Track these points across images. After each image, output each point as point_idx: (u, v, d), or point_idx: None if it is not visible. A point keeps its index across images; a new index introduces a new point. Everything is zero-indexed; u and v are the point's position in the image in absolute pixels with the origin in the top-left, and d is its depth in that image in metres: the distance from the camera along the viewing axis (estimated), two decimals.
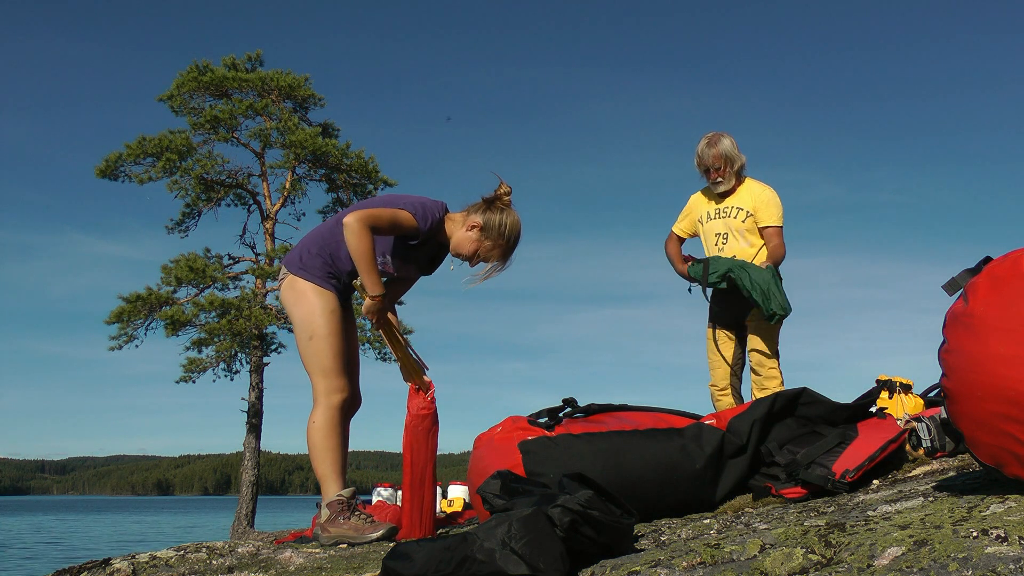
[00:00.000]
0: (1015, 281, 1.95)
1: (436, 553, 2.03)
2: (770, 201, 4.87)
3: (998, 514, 1.87)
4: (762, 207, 4.86)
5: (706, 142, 4.92)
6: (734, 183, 4.93)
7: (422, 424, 3.30)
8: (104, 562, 3.08)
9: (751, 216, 4.86)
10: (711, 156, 4.88)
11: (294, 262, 3.38)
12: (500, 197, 3.36)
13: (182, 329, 19.73)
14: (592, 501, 2.15)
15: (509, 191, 3.37)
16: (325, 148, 20.28)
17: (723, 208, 4.94)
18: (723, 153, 4.86)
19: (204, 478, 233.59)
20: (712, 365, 4.96)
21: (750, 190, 4.93)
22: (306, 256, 3.36)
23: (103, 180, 20.22)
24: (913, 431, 3.05)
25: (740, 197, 4.92)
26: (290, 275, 3.38)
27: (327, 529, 3.23)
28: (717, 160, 4.87)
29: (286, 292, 3.38)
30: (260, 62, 21.21)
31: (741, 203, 4.90)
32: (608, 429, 3.11)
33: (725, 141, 4.89)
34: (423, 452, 3.30)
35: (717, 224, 4.94)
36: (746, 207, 4.88)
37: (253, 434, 20.46)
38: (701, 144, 4.94)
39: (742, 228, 4.87)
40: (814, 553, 1.80)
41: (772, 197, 4.89)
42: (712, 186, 4.95)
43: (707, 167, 4.91)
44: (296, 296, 3.34)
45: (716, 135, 4.92)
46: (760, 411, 3.14)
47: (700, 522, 2.62)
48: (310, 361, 3.31)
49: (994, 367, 1.92)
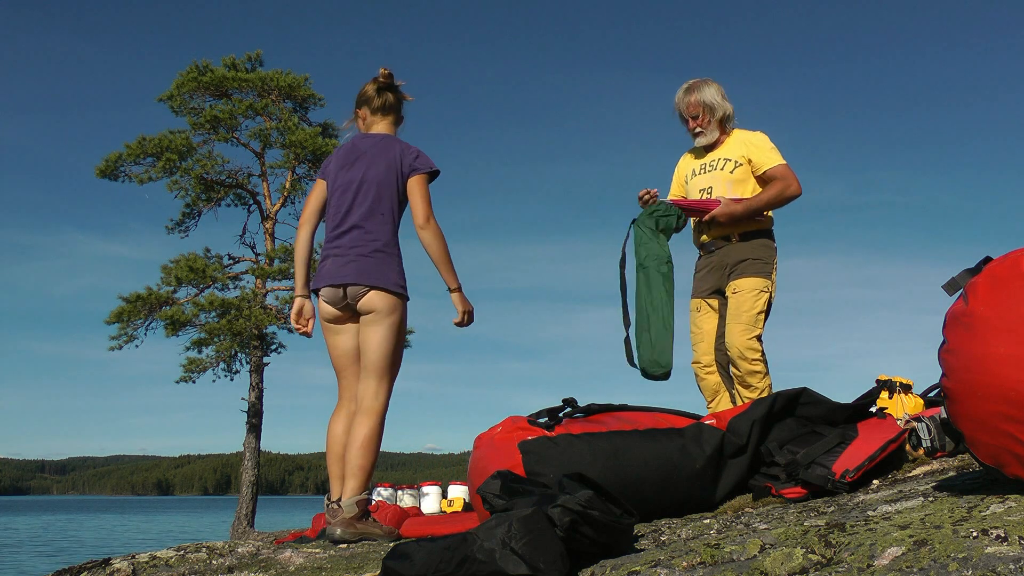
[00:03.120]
0: (1015, 281, 1.95)
1: (436, 553, 2.03)
2: (763, 143, 4.33)
3: (998, 514, 1.87)
4: (756, 151, 4.31)
5: (684, 88, 4.42)
6: (718, 135, 4.40)
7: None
8: (104, 562, 3.08)
9: (741, 166, 4.31)
10: (687, 104, 4.39)
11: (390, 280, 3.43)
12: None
13: (182, 329, 19.74)
14: (592, 501, 2.15)
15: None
16: (325, 148, 20.27)
17: (707, 162, 4.43)
18: (702, 100, 4.35)
19: (204, 478, 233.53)
20: (694, 339, 4.43)
21: (738, 139, 4.39)
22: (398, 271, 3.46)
23: (103, 180, 20.26)
24: (913, 431, 3.04)
25: (727, 148, 4.40)
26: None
27: (354, 524, 3.23)
28: (694, 108, 4.37)
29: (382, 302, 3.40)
30: (260, 62, 21.22)
31: (728, 154, 4.37)
32: (608, 429, 3.10)
33: (706, 88, 4.37)
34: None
35: (701, 180, 4.42)
36: (734, 157, 4.34)
37: (253, 434, 20.47)
38: (679, 91, 4.44)
39: (730, 180, 4.31)
40: (814, 553, 1.80)
41: (764, 139, 4.35)
42: (693, 139, 4.46)
43: (684, 117, 4.43)
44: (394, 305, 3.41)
45: (697, 81, 4.41)
46: (760, 411, 3.14)
47: (700, 522, 2.62)
48: (392, 367, 3.41)
49: (994, 367, 1.92)
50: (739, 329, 4.14)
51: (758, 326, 4.16)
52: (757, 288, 4.20)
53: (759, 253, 4.28)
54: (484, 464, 3.05)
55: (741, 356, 4.11)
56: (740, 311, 4.17)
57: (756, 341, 4.14)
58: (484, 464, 3.05)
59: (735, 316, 4.17)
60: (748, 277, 4.22)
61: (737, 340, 4.13)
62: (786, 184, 4.24)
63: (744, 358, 4.11)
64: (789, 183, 4.24)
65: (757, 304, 4.18)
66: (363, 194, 3.44)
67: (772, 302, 4.28)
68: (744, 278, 4.22)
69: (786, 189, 4.24)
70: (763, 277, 4.23)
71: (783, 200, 4.27)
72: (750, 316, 4.15)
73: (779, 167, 4.25)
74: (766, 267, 4.26)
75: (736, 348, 4.13)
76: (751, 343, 4.12)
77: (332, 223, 3.48)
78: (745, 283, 4.21)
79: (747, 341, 4.11)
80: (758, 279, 4.22)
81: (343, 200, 3.46)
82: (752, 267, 4.25)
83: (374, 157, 3.48)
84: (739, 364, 4.13)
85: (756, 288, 4.20)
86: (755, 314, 4.16)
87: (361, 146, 3.54)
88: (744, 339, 4.12)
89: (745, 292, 4.19)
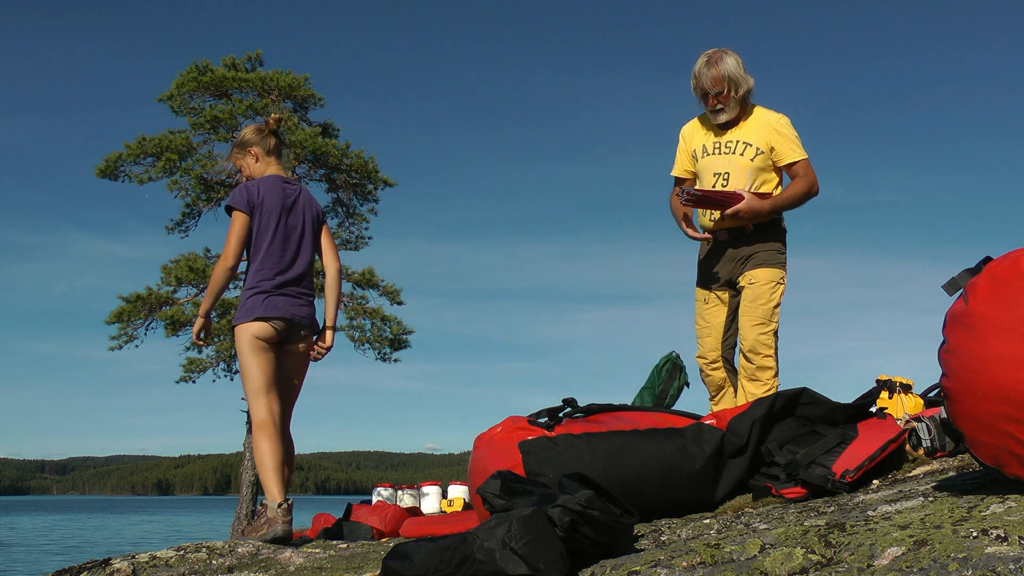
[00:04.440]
0: (1015, 281, 1.95)
1: (436, 553, 2.03)
2: (788, 131, 4.08)
3: (998, 514, 1.86)
4: (781, 140, 4.05)
5: (705, 60, 4.08)
6: (738, 112, 4.10)
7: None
8: (104, 562, 3.08)
9: (762, 154, 4.05)
10: (710, 78, 4.04)
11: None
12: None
13: (182, 329, 19.74)
14: (592, 501, 2.15)
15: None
16: (325, 148, 20.28)
17: (724, 142, 4.11)
18: (725, 74, 4.01)
19: (204, 478, 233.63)
20: (700, 333, 4.23)
21: (761, 121, 4.10)
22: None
23: (103, 180, 20.25)
24: (913, 431, 3.04)
25: (747, 130, 4.10)
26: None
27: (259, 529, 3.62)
28: (718, 83, 4.03)
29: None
30: (260, 62, 21.21)
31: (749, 137, 4.07)
32: (608, 429, 3.10)
33: (729, 60, 4.04)
34: None
35: (717, 161, 4.12)
36: (756, 143, 4.06)
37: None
38: (699, 63, 4.09)
39: (750, 167, 4.05)
40: (814, 553, 1.80)
41: (789, 126, 4.10)
42: (711, 115, 4.12)
43: (705, 91, 4.08)
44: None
45: (718, 52, 4.08)
46: (760, 411, 3.14)
47: (700, 522, 2.62)
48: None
49: (994, 367, 1.92)
50: (755, 322, 3.98)
51: (774, 320, 4.01)
52: (773, 280, 4.03)
53: (774, 243, 4.10)
54: (484, 464, 3.05)
55: (754, 350, 3.97)
56: (757, 304, 4.00)
57: (771, 336, 3.99)
58: (484, 464, 3.05)
59: (751, 308, 4.01)
60: (765, 268, 4.04)
61: (752, 334, 3.97)
62: (810, 183, 4.07)
63: (757, 352, 3.96)
64: (813, 183, 4.07)
65: (774, 297, 4.02)
66: (306, 242, 3.95)
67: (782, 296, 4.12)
68: (761, 268, 4.04)
69: (811, 189, 4.07)
70: (779, 268, 4.07)
71: (806, 199, 4.10)
72: (766, 309, 3.99)
73: (803, 163, 4.06)
74: (781, 257, 4.09)
75: (750, 342, 3.98)
76: (766, 338, 3.97)
77: (278, 263, 3.85)
78: (761, 274, 4.03)
79: (762, 336, 3.97)
80: (775, 270, 4.05)
81: (289, 245, 3.89)
82: (769, 257, 4.06)
83: (306, 207, 4.00)
84: (751, 358, 3.98)
85: (772, 280, 4.03)
86: (772, 307, 4.00)
87: (290, 192, 3.97)
88: (758, 333, 3.97)
89: (761, 283, 4.01)
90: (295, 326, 3.86)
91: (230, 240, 3.79)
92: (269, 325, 3.77)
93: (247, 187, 3.88)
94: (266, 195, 3.86)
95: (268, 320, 3.77)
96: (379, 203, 22.16)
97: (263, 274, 3.82)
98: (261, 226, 3.86)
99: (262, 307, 3.77)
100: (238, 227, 3.80)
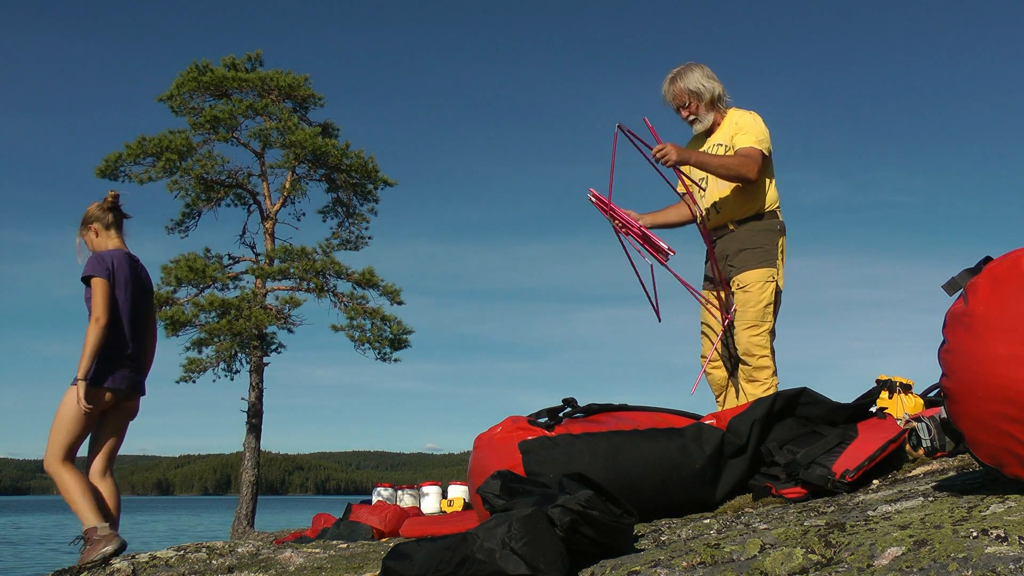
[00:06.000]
0: (1015, 281, 1.95)
1: (436, 553, 2.03)
2: (749, 125, 4.14)
3: (998, 514, 1.87)
4: (738, 132, 4.14)
5: (668, 79, 4.24)
6: (713, 118, 4.24)
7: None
8: (104, 562, 3.09)
9: (731, 150, 4.13)
10: (672, 94, 4.24)
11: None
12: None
13: (182, 329, 19.73)
14: (592, 501, 2.15)
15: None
16: (325, 148, 20.28)
17: (706, 149, 4.24)
18: (686, 88, 4.18)
19: (204, 478, 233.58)
20: (703, 332, 4.35)
21: (731, 120, 4.22)
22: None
23: (103, 180, 20.24)
24: (913, 431, 3.04)
25: (721, 133, 4.23)
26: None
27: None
28: (680, 97, 4.22)
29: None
30: (260, 62, 21.22)
31: (721, 139, 4.20)
32: (608, 429, 3.10)
33: (690, 73, 4.19)
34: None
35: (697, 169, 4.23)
36: (725, 142, 4.17)
37: (253, 434, 20.47)
38: (664, 83, 4.26)
39: None
40: (814, 553, 1.80)
41: (753, 121, 4.16)
42: (690, 127, 4.31)
43: (674, 107, 4.28)
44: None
45: (680, 68, 4.23)
46: (760, 411, 3.14)
47: (700, 522, 2.62)
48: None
49: (994, 367, 1.92)
50: (746, 326, 4.05)
51: (767, 319, 4.06)
52: (762, 280, 4.07)
53: (759, 240, 4.12)
54: (484, 464, 3.05)
55: (748, 352, 4.04)
56: (747, 307, 4.06)
57: (764, 336, 4.05)
58: (484, 464, 3.05)
59: (740, 312, 4.08)
60: (751, 269, 4.08)
61: (744, 337, 4.05)
62: (744, 162, 4.03)
63: (751, 355, 4.03)
64: (748, 164, 4.03)
65: (764, 296, 4.06)
66: (147, 321, 4.23)
67: (781, 291, 4.14)
68: (747, 271, 4.08)
69: (741, 166, 4.03)
70: (767, 266, 4.09)
71: (733, 174, 4.05)
72: (757, 311, 4.04)
73: (750, 148, 4.06)
74: (769, 254, 4.11)
75: (743, 345, 4.06)
76: (758, 339, 4.03)
77: (126, 335, 4.06)
78: (749, 276, 4.07)
79: (754, 338, 4.03)
80: (762, 270, 4.08)
81: (137, 322, 4.12)
82: (754, 257, 4.10)
83: (147, 287, 4.25)
84: (747, 360, 4.05)
85: (761, 280, 4.07)
86: (762, 307, 4.05)
87: (139, 271, 4.21)
88: (750, 335, 4.03)
89: (750, 286, 4.06)
90: (132, 394, 4.13)
91: (97, 304, 3.93)
92: (108, 391, 3.98)
93: (101, 256, 4.07)
94: (119, 269, 4.08)
95: (113, 390, 4.01)
96: (379, 203, 22.21)
97: (116, 341, 4.02)
98: (121, 296, 4.07)
99: (109, 376, 3.97)
100: (102, 293, 3.95)
